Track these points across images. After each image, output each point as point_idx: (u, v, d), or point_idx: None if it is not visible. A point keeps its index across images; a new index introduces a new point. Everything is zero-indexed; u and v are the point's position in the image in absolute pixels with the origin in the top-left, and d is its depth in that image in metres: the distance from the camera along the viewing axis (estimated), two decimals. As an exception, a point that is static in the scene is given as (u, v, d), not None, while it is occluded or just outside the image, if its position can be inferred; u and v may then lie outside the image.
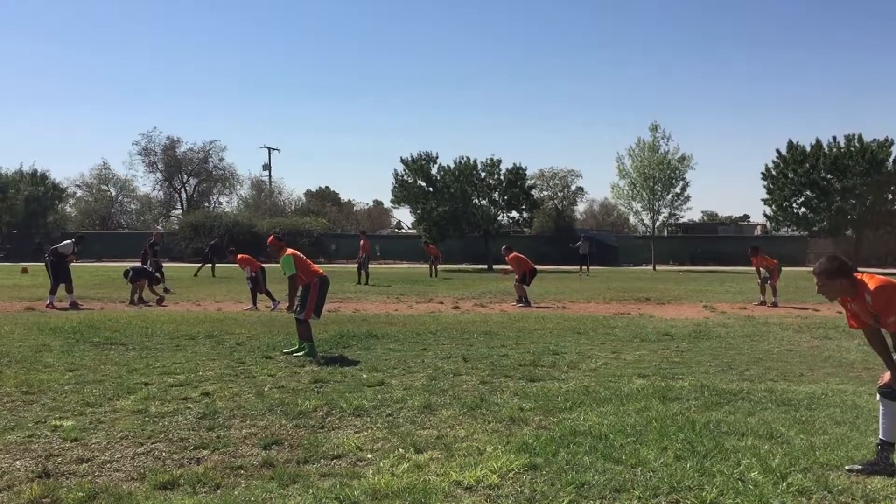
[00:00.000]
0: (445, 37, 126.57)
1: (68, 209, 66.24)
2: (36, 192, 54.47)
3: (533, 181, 49.91)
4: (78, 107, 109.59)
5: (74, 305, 15.80)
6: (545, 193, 58.85)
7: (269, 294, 16.45)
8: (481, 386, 7.51)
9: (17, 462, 4.92)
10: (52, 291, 16.14)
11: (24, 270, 29.99)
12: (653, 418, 6.05)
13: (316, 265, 10.13)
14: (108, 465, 4.88)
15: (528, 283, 17.84)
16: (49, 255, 16.80)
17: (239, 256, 16.96)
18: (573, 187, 63.81)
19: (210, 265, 29.68)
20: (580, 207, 67.32)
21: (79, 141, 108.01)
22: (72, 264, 17.10)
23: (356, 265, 26.03)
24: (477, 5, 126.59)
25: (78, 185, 67.94)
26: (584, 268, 36.11)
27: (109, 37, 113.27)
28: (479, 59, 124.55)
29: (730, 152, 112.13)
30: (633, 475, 4.61)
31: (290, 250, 9.84)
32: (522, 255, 18.42)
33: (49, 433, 5.62)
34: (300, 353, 9.31)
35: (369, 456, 5.10)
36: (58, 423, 5.91)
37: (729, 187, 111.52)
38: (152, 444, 5.38)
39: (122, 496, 4.28)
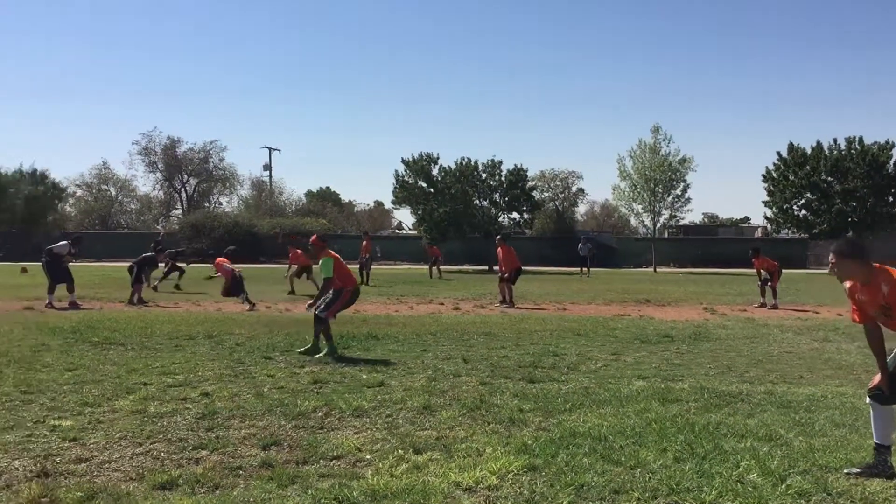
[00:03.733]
0: (448, 36, 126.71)
1: (68, 209, 66.30)
2: (36, 192, 54.52)
3: (534, 182, 50.01)
4: (78, 105, 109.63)
5: (74, 305, 15.79)
6: (546, 195, 59.00)
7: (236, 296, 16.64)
8: (481, 387, 7.50)
9: (16, 462, 4.91)
10: (51, 291, 16.11)
11: (24, 270, 29.94)
12: (652, 420, 6.04)
13: (351, 273, 10.19)
14: (106, 465, 4.88)
15: (514, 282, 17.84)
16: (44, 255, 16.75)
17: (217, 260, 17.15)
18: (574, 189, 64.11)
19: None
20: (581, 209, 67.57)
21: (79, 140, 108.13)
22: (71, 264, 17.08)
23: (358, 265, 26.04)
24: (478, 4, 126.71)
25: (78, 185, 68.03)
26: (585, 269, 36.13)
27: (111, 33, 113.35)
28: (482, 59, 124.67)
29: (731, 154, 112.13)
30: (632, 477, 4.61)
31: (332, 253, 9.90)
32: (514, 251, 18.46)
33: (48, 433, 5.62)
34: (320, 354, 9.34)
35: (368, 457, 5.09)
36: (56, 422, 5.91)
37: (730, 189, 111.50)
38: (151, 444, 5.38)
39: (121, 496, 4.27)
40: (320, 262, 9.83)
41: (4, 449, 5.19)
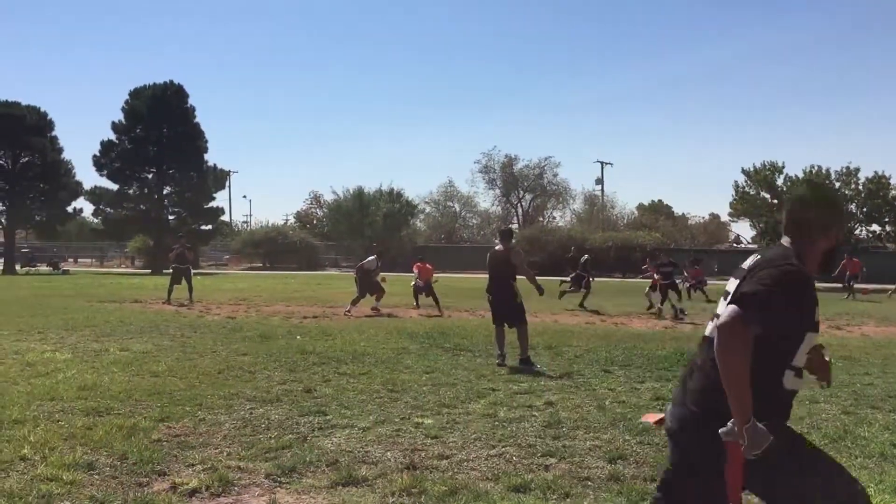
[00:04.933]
0: (796, 32, 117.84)
1: (419, 224, 72.40)
2: (392, 209, 60.29)
3: (899, 191, 44.52)
4: (429, 129, 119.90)
5: (377, 311, 17.51)
6: (914, 204, 52.22)
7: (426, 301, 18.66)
8: (843, 416, 6.83)
9: (388, 453, 5.46)
10: (355, 302, 17.73)
11: (383, 279, 33.16)
12: None
13: None
14: (465, 464, 5.22)
15: None
16: (356, 271, 18.61)
17: (421, 265, 19.23)
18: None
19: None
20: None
21: (429, 161, 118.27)
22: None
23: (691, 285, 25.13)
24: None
25: (427, 202, 74.08)
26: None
27: (449, 63, 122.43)
28: (832, 54, 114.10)
29: None
30: None
31: None
32: None
33: (412, 429, 6.17)
34: None
35: (720, 481, 4.87)
36: (419, 420, 6.47)
37: None
38: (503, 447, 5.66)
39: (480, 494, 4.55)
40: None
41: (378, 441, 5.80)
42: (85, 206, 65.41)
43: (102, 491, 4.56)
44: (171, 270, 20.89)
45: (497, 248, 10.45)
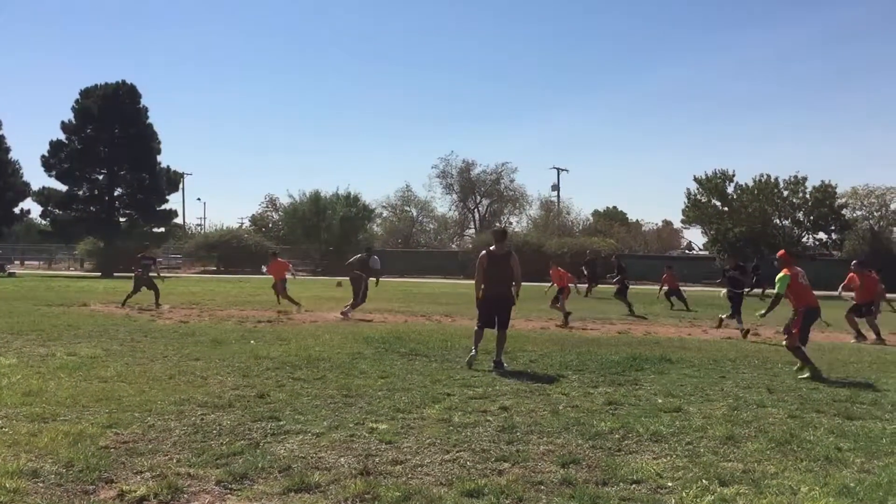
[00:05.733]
0: (740, 48, 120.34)
1: (376, 228, 72.25)
2: (349, 213, 60.07)
3: (844, 200, 45.70)
4: (386, 134, 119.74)
5: (345, 315, 17.16)
6: (858, 213, 53.72)
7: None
8: (790, 420, 6.97)
9: (342, 459, 5.42)
10: (355, 305, 17.57)
11: (339, 284, 32.95)
12: None
13: (812, 293, 10.13)
14: (419, 469, 5.21)
15: (865, 314, 15.73)
16: (359, 269, 18.02)
17: (278, 260, 20.76)
18: (893, 206, 57.60)
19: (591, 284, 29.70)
20: (901, 228, 60.44)
21: (386, 165, 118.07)
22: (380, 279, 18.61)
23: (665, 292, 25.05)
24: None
25: (384, 206, 74.01)
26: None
27: (416, 64, 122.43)
28: (780, 70, 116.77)
29: None
30: None
31: (791, 270, 10.05)
32: (875, 278, 16.35)
33: (367, 434, 6.13)
34: (804, 376, 9.50)
35: (670, 484, 4.94)
36: (374, 425, 6.43)
37: None
38: (457, 452, 5.66)
39: (434, 499, 4.54)
40: (777, 277, 10.01)
41: (332, 446, 5.76)
42: (33, 208, 63.87)
43: (47, 499, 4.46)
44: (132, 276, 20.36)
45: (492, 248, 10.43)
